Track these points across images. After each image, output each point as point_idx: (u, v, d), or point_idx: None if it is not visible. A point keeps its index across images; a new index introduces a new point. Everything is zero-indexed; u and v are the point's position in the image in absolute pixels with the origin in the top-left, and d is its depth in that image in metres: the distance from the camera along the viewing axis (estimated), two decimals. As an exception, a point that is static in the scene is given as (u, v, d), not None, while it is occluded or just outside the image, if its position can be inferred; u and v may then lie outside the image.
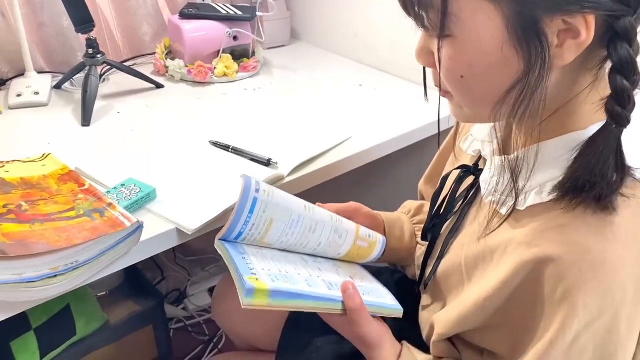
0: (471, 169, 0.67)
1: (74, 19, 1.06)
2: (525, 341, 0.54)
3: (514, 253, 0.53)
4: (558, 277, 0.49)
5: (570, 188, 0.49)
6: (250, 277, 0.58)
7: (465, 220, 0.66)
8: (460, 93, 0.54)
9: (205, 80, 1.23)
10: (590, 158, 0.48)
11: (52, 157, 0.87)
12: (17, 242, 0.62)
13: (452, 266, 0.65)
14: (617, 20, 0.45)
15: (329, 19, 1.44)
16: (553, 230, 0.51)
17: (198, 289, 1.75)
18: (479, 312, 0.57)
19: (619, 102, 0.47)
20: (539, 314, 0.52)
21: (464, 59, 0.51)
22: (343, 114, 1.10)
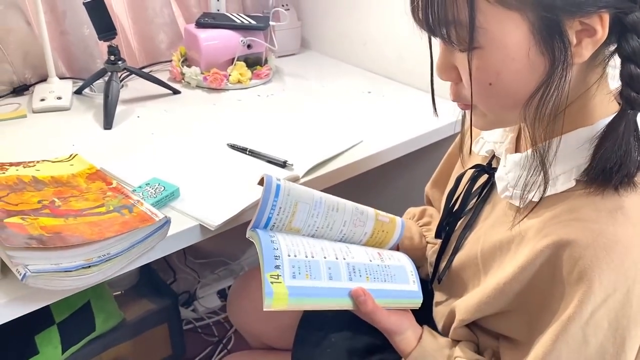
0: (485, 168, 0.71)
1: (97, 27, 1.11)
2: (542, 322, 0.58)
3: (531, 241, 0.58)
4: (574, 259, 0.53)
5: (599, 172, 0.54)
6: (272, 275, 0.62)
7: (479, 216, 0.71)
8: (488, 101, 0.58)
9: (220, 87, 1.27)
10: (614, 142, 0.53)
11: (79, 158, 0.91)
12: (54, 235, 0.66)
13: (467, 259, 0.69)
14: (626, 15, 0.50)
15: (338, 29, 1.49)
16: (567, 217, 0.56)
17: (207, 291, 1.79)
18: (499, 297, 0.61)
19: (634, 89, 0.51)
20: (557, 295, 0.56)
21: (492, 68, 0.54)
22: (353, 119, 1.14)
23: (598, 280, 0.53)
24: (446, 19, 0.53)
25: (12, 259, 0.62)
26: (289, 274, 0.64)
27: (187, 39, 1.33)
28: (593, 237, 0.53)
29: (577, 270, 0.53)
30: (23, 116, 1.11)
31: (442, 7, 0.52)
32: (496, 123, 0.63)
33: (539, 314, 0.59)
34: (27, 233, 0.65)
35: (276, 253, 0.65)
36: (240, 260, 1.88)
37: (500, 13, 0.51)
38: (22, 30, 1.19)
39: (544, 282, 0.57)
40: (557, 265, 0.55)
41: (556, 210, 0.57)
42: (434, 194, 0.94)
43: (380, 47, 1.37)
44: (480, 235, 0.69)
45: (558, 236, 0.55)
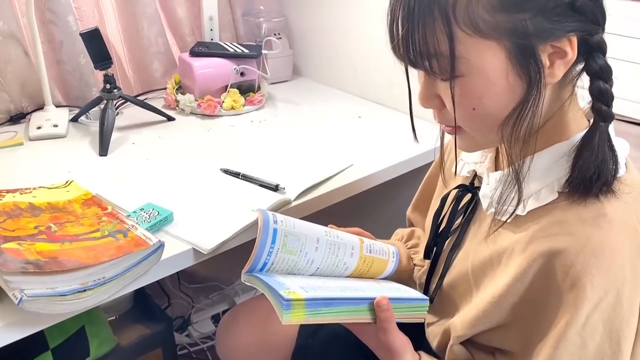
0: (468, 188, 0.73)
1: (94, 57, 1.14)
2: (538, 331, 0.60)
3: (522, 253, 0.60)
4: (566, 267, 0.56)
5: (579, 181, 0.57)
6: (285, 291, 0.61)
7: (466, 234, 0.73)
8: (473, 124, 0.61)
9: (214, 113, 1.30)
10: (591, 153, 0.57)
11: (75, 184, 0.93)
12: (51, 259, 0.68)
13: (458, 277, 0.71)
14: (592, 37, 0.55)
15: (329, 56, 1.53)
16: (555, 227, 0.58)
17: (201, 316, 1.79)
18: (495, 311, 0.63)
19: (604, 102, 0.56)
20: (552, 303, 0.58)
21: (475, 93, 0.57)
22: (344, 144, 1.17)
23: (590, 285, 0.55)
24: (428, 52, 0.56)
25: (9, 284, 0.63)
26: (301, 290, 0.63)
27: (182, 67, 1.37)
28: (581, 245, 0.56)
29: (569, 277, 0.56)
30: (20, 144, 1.13)
31: (423, 41, 0.55)
32: (482, 144, 0.66)
33: (534, 324, 0.61)
34: (24, 258, 0.66)
35: (283, 285, 0.63)
36: (235, 285, 1.88)
37: (479, 43, 0.55)
38: (19, 60, 1.22)
39: (537, 292, 0.60)
40: (550, 275, 0.58)
41: (543, 222, 0.60)
42: (415, 217, 0.96)
43: (370, 73, 1.41)
44: (469, 253, 0.71)
45: (548, 246, 0.58)
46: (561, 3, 0.53)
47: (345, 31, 1.44)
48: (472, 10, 0.53)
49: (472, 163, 0.74)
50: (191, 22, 1.49)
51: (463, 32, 0.54)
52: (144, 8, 1.36)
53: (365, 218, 1.43)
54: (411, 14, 0.55)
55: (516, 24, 0.53)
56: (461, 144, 0.65)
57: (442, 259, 0.76)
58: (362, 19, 1.37)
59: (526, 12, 0.53)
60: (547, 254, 0.58)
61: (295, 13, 1.59)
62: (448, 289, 0.74)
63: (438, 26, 0.54)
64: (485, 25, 0.54)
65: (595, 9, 0.54)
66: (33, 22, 1.14)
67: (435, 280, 0.76)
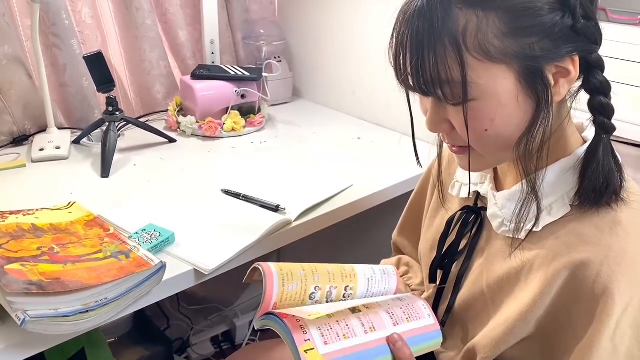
0: (473, 209, 0.74)
1: (97, 80, 1.16)
2: (562, 342, 0.61)
3: (544, 267, 0.62)
4: (592, 277, 0.58)
5: (590, 192, 0.60)
6: (304, 347, 0.60)
7: (474, 255, 0.73)
8: (486, 144, 0.62)
9: (215, 135, 1.32)
10: (597, 164, 0.60)
11: (77, 205, 0.94)
12: (53, 280, 0.68)
13: (472, 297, 0.71)
14: (590, 55, 0.58)
15: (329, 78, 1.55)
16: (575, 239, 0.60)
17: (201, 338, 1.78)
18: (522, 326, 0.63)
19: (606, 116, 0.59)
20: (579, 313, 0.59)
21: (487, 116, 0.59)
22: (344, 165, 1.18)
23: (618, 292, 0.57)
24: (440, 79, 0.57)
25: (12, 305, 0.64)
26: (320, 342, 0.61)
27: (183, 89, 1.39)
28: (604, 254, 0.58)
29: (597, 286, 0.57)
30: (22, 166, 1.14)
31: (434, 69, 0.57)
32: (492, 163, 0.68)
33: (558, 335, 0.62)
34: (27, 279, 0.67)
35: (302, 325, 0.62)
36: (234, 306, 1.87)
37: (489, 67, 0.56)
38: (23, 82, 1.24)
39: (561, 303, 0.61)
40: (575, 286, 0.59)
41: (561, 236, 0.62)
42: (402, 241, 0.97)
43: (369, 95, 1.43)
44: (481, 272, 0.71)
45: (572, 258, 0.59)
46: (564, 26, 0.55)
47: (344, 54, 1.46)
48: (482, 36, 0.55)
49: (470, 184, 0.75)
50: (192, 45, 1.52)
51: (474, 58, 0.56)
52: (146, 32, 1.39)
53: (363, 237, 1.44)
54: (420, 44, 0.56)
55: (524, 47, 0.55)
56: (473, 164, 0.65)
57: (451, 281, 0.76)
58: (361, 42, 1.40)
59: (533, 36, 0.55)
60: (572, 265, 0.59)
61: (295, 36, 1.62)
62: (460, 310, 0.74)
63: (449, 54, 0.56)
64: (495, 50, 0.55)
65: (593, 29, 0.57)
66: (37, 45, 1.16)
67: (445, 302, 0.76)
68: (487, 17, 0.55)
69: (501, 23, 0.55)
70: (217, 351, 1.77)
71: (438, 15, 0.55)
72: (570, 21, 0.55)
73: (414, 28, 0.57)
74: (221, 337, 1.82)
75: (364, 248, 0.86)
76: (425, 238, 0.83)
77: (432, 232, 0.82)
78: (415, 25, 0.56)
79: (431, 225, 0.83)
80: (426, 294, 0.83)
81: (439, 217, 0.82)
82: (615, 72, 1.01)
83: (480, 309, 0.70)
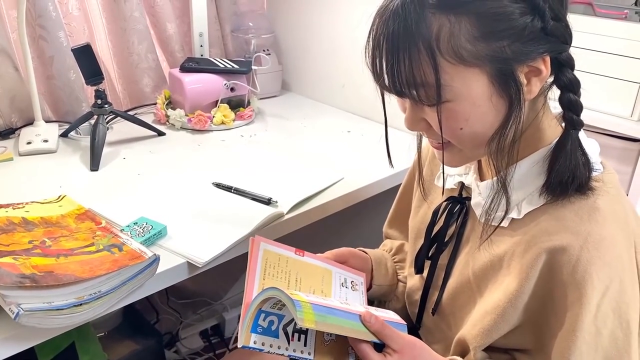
0: (458, 199, 0.76)
1: (85, 72, 1.15)
2: (548, 326, 0.63)
3: (524, 254, 0.63)
4: (572, 261, 0.60)
5: (557, 185, 0.62)
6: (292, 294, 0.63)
7: (461, 245, 0.75)
8: (462, 141, 0.64)
9: (204, 128, 1.31)
10: (565, 158, 0.61)
11: (67, 199, 0.93)
12: (47, 273, 0.68)
13: (459, 286, 0.73)
14: (561, 54, 0.60)
15: (318, 72, 1.55)
16: (554, 225, 0.62)
17: (190, 332, 1.78)
18: (513, 312, 0.64)
19: (574, 112, 0.61)
20: (559, 298, 0.61)
21: (461, 116, 0.60)
22: (334, 158, 1.19)
23: (596, 276, 0.59)
24: (414, 82, 0.59)
25: (6, 298, 0.63)
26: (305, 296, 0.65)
27: (172, 82, 1.38)
28: (584, 239, 0.60)
29: (577, 271, 0.59)
30: (10, 159, 1.13)
31: (409, 72, 0.58)
32: (470, 158, 0.70)
33: (544, 319, 0.64)
34: (20, 272, 0.66)
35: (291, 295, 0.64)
36: (223, 300, 1.87)
37: (462, 70, 0.58)
38: (9, 75, 1.22)
39: (543, 288, 0.63)
40: (555, 270, 0.61)
41: (541, 222, 0.63)
42: (392, 232, 0.98)
43: (358, 88, 1.43)
44: (467, 260, 0.72)
45: (551, 244, 0.61)
46: (535, 29, 0.57)
47: (334, 47, 1.47)
48: (454, 41, 0.57)
49: (455, 175, 0.77)
50: (181, 38, 1.51)
51: (447, 62, 0.57)
52: (134, 24, 1.38)
53: (354, 228, 1.45)
54: (395, 48, 0.58)
55: (496, 51, 0.57)
56: (449, 159, 0.68)
57: (440, 271, 0.77)
58: (350, 35, 1.40)
59: (504, 39, 0.57)
60: (551, 250, 0.61)
61: (284, 29, 1.61)
62: (449, 300, 0.75)
63: (423, 58, 0.57)
64: (468, 54, 0.57)
65: (563, 30, 0.59)
66: (24, 37, 1.14)
67: (435, 293, 0.77)
68: (460, 22, 0.56)
69: (473, 28, 0.57)
70: (207, 345, 1.77)
71: (412, 19, 0.57)
72: (539, 24, 0.57)
73: (390, 31, 0.58)
74: (210, 331, 1.82)
75: (356, 239, 0.87)
76: (411, 227, 0.84)
77: (416, 221, 0.84)
78: (390, 28, 0.58)
79: (416, 214, 0.84)
80: (410, 284, 0.83)
81: (423, 207, 0.83)
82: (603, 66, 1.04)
83: (467, 298, 0.72)
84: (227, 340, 1.81)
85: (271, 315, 0.66)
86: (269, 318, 0.66)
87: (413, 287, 0.83)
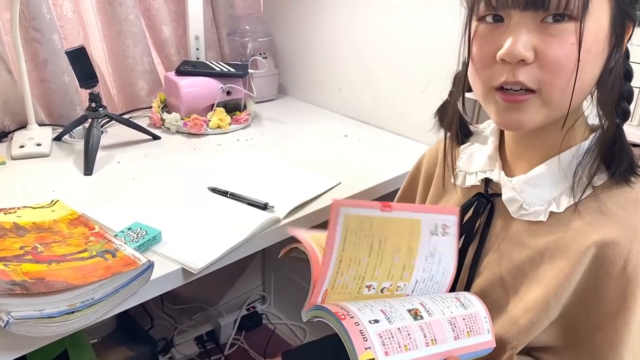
0: (486, 196, 0.73)
1: (79, 75, 1.14)
2: (587, 322, 0.62)
3: (568, 247, 0.62)
4: (623, 255, 0.59)
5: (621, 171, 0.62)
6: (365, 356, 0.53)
7: (487, 242, 0.72)
8: (568, 83, 0.57)
9: (200, 132, 1.30)
10: (620, 147, 0.61)
11: (60, 203, 0.91)
12: (38, 280, 0.66)
13: (489, 284, 0.70)
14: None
15: (315, 76, 1.54)
16: (599, 219, 0.61)
17: (185, 337, 1.76)
18: (556, 306, 0.63)
19: (629, 101, 0.61)
20: (606, 292, 0.61)
21: (585, 45, 0.56)
22: (331, 162, 1.18)
23: None
24: None
25: (-5, 306, 0.62)
26: (381, 352, 0.54)
27: (168, 86, 1.36)
28: (633, 232, 0.59)
29: (628, 264, 0.59)
30: (2, 163, 1.11)
31: None
32: (549, 117, 0.62)
33: (585, 315, 0.62)
34: (10, 279, 0.65)
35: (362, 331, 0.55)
36: (218, 305, 1.86)
37: None
38: (2, 78, 1.20)
39: (587, 283, 0.62)
40: (604, 264, 0.60)
41: (585, 216, 0.63)
42: None
43: (355, 93, 1.42)
44: (498, 259, 0.70)
45: (599, 237, 0.60)
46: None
47: (331, 51, 1.46)
48: None
49: (477, 172, 0.74)
50: (176, 41, 1.50)
51: None
52: (130, 27, 1.36)
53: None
54: None
55: None
56: (527, 116, 0.60)
57: (465, 270, 0.74)
58: (347, 39, 1.40)
59: None
60: (600, 244, 0.60)
61: (281, 33, 1.61)
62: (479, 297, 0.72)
63: None
64: None
65: None
66: (17, 40, 1.13)
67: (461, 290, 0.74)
68: None
69: None
70: (202, 351, 1.75)
71: None
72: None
73: None
74: (205, 337, 1.80)
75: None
76: None
77: None
78: None
79: None
80: None
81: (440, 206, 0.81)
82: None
83: (498, 296, 0.69)
84: (223, 346, 1.79)
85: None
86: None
87: None
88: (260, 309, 1.94)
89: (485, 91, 0.62)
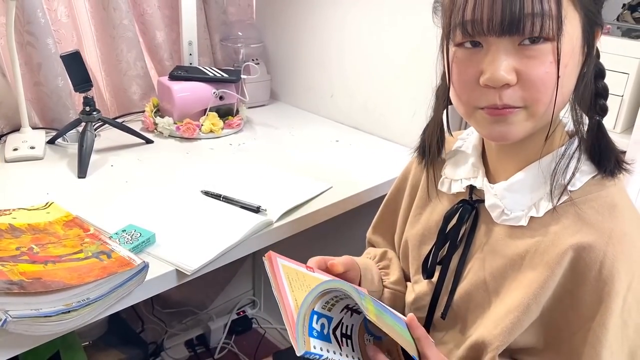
0: (470, 202, 0.75)
1: (74, 79, 1.15)
2: (567, 323, 0.64)
3: (547, 250, 0.64)
4: (598, 258, 0.61)
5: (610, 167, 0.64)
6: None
7: (471, 246, 0.74)
8: (551, 97, 0.60)
9: (192, 136, 1.31)
10: (606, 143, 0.64)
11: (55, 205, 0.92)
12: (35, 280, 0.67)
13: (472, 288, 0.72)
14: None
15: (306, 82, 1.56)
16: (576, 223, 0.64)
17: (175, 341, 1.77)
18: (536, 308, 0.65)
19: (605, 98, 0.64)
20: (583, 294, 0.63)
21: (563, 61, 0.58)
22: (323, 167, 1.20)
23: (622, 271, 0.61)
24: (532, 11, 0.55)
25: (-7, 305, 0.63)
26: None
27: (161, 90, 1.38)
28: (608, 236, 0.61)
29: (604, 267, 0.61)
30: (-5, 165, 1.12)
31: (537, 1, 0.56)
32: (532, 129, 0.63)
33: (562, 316, 0.65)
34: (7, 278, 0.66)
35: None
36: (209, 309, 1.86)
37: (570, 10, 0.58)
38: (-4, 81, 1.21)
39: (565, 285, 0.64)
40: (581, 267, 0.62)
41: (562, 220, 0.65)
42: (376, 239, 0.97)
43: (346, 98, 1.45)
44: (482, 263, 0.72)
45: (576, 241, 0.62)
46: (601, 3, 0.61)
47: (322, 57, 1.48)
48: None
49: (461, 179, 0.76)
50: (170, 46, 1.51)
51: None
52: (123, 32, 1.38)
53: (343, 236, 1.46)
54: None
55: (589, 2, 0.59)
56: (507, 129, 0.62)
57: (450, 274, 0.76)
58: (338, 45, 1.42)
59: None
60: (577, 247, 0.62)
61: (273, 39, 1.63)
62: (461, 303, 0.74)
63: None
64: None
65: None
66: (12, 44, 1.14)
67: (445, 296, 0.76)
68: None
69: None
70: (192, 355, 1.76)
71: None
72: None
73: None
74: (195, 341, 1.81)
75: (343, 248, 0.88)
76: (412, 234, 0.84)
77: (418, 229, 0.83)
78: None
79: (417, 221, 0.83)
80: (417, 290, 0.82)
81: (425, 213, 0.83)
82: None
83: (481, 299, 0.71)
84: (213, 350, 1.80)
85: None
86: (321, 321, 0.62)
87: (421, 293, 0.81)
88: (250, 313, 1.95)
89: (469, 110, 0.65)
